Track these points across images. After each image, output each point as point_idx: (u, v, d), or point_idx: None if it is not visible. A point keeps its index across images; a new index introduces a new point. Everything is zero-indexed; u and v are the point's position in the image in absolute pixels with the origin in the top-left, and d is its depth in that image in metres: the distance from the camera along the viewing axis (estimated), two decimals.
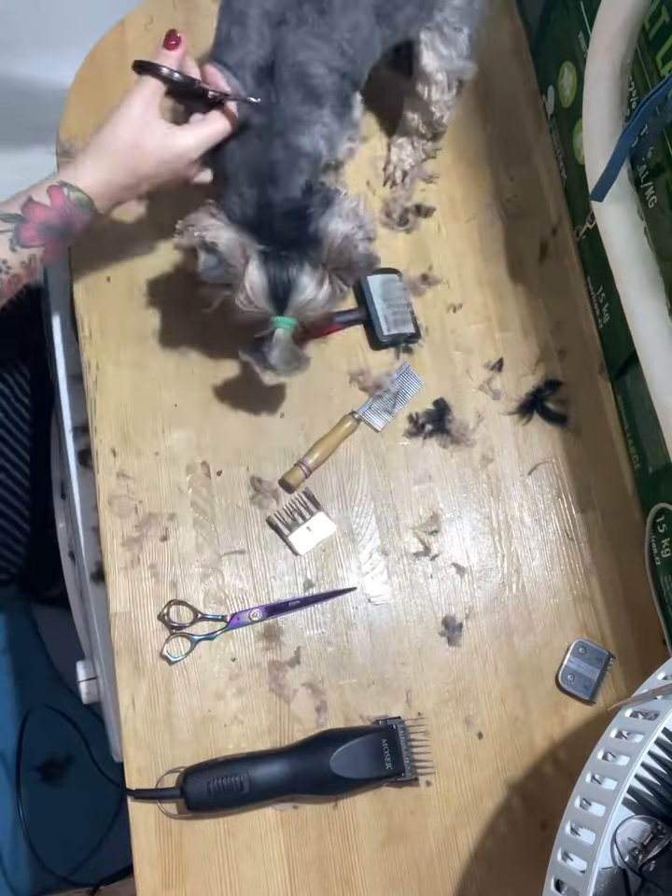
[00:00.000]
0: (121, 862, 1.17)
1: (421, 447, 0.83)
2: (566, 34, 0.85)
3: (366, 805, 0.74)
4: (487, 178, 0.92)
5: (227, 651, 0.76)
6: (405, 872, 0.73)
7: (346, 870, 0.73)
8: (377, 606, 0.79)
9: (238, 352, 0.75)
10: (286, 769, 0.71)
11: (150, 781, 0.73)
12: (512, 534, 0.82)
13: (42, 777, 1.51)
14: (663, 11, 0.66)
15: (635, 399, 0.82)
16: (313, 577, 0.79)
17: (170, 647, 0.76)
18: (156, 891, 0.71)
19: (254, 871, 0.72)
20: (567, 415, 0.85)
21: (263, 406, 0.83)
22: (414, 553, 0.80)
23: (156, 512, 0.79)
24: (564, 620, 0.80)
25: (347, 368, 0.85)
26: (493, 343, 0.87)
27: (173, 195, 0.88)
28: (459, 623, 0.79)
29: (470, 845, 0.74)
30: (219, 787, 0.69)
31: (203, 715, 0.75)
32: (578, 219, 0.90)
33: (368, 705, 0.76)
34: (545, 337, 0.88)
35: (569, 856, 0.60)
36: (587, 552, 0.82)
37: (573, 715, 0.78)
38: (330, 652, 0.77)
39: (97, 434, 0.81)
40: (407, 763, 0.73)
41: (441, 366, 0.86)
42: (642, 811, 0.67)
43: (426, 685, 0.77)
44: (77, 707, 0.95)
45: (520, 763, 0.76)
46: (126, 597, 0.77)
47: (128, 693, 0.75)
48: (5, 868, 1.47)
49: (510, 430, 0.85)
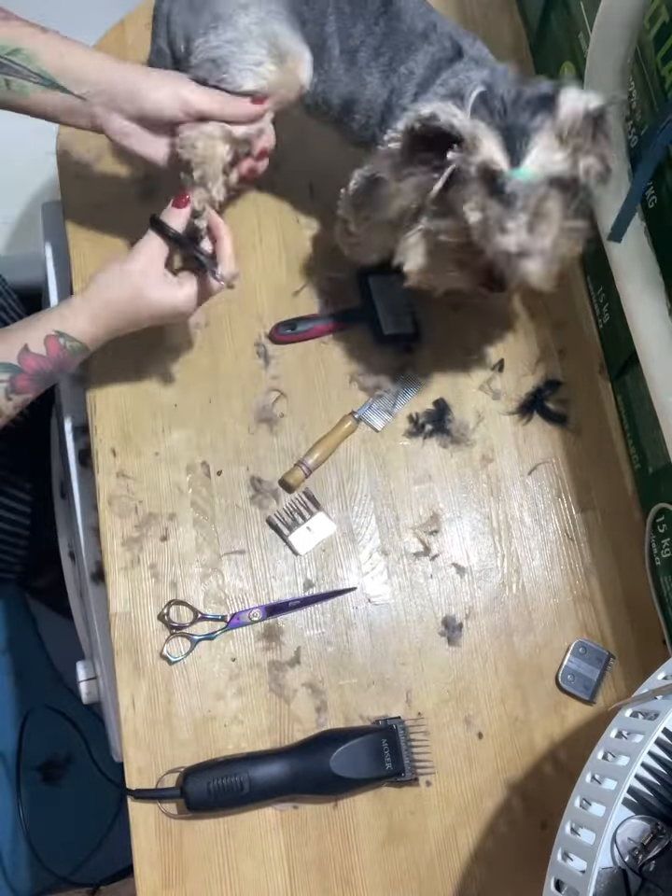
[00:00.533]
0: (121, 862, 1.17)
1: (421, 447, 0.83)
2: (566, 34, 0.85)
3: (366, 804, 0.74)
4: None
5: (227, 651, 0.76)
6: (405, 872, 0.73)
7: (346, 870, 0.73)
8: (377, 606, 0.79)
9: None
10: (286, 769, 0.71)
11: (150, 781, 0.73)
12: (512, 534, 0.82)
13: (42, 777, 1.51)
14: (663, 11, 0.66)
15: (635, 399, 0.82)
16: (313, 577, 0.79)
17: (170, 647, 0.76)
18: (156, 891, 0.71)
19: (254, 871, 0.72)
20: (567, 415, 0.85)
21: (263, 406, 0.83)
22: (414, 553, 0.80)
23: (156, 512, 0.79)
24: (564, 620, 0.80)
25: (347, 368, 0.85)
26: (493, 343, 0.87)
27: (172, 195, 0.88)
28: (459, 623, 0.79)
29: (470, 845, 0.74)
30: (219, 787, 0.69)
31: (203, 715, 0.75)
32: None
33: (368, 705, 0.76)
34: (545, 337, 0.88)
35: (569, 856, 0.60)
36: (587, 552, 0.82)
37: (573, 715, 0.78)
38: (330, 652, 0.77)
39: (97, 434, 0.81)
40: (407, 763, 0.73)
41: (441, 366, 0.86)
42: (642, 811, 0.67)
43: (426, 685, 0.77)
44: (77, 707, 0.95)
45: (520, 763, 0.76)
46: (126, 597, 0.77)
47: (128, 693, 0.75)
48: (5, 868, 1.47)
49: (510, 430, 0.85)
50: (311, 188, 0.89)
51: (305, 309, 0.86)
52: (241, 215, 0.88)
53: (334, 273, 0.86)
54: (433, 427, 0.83)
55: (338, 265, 0.86)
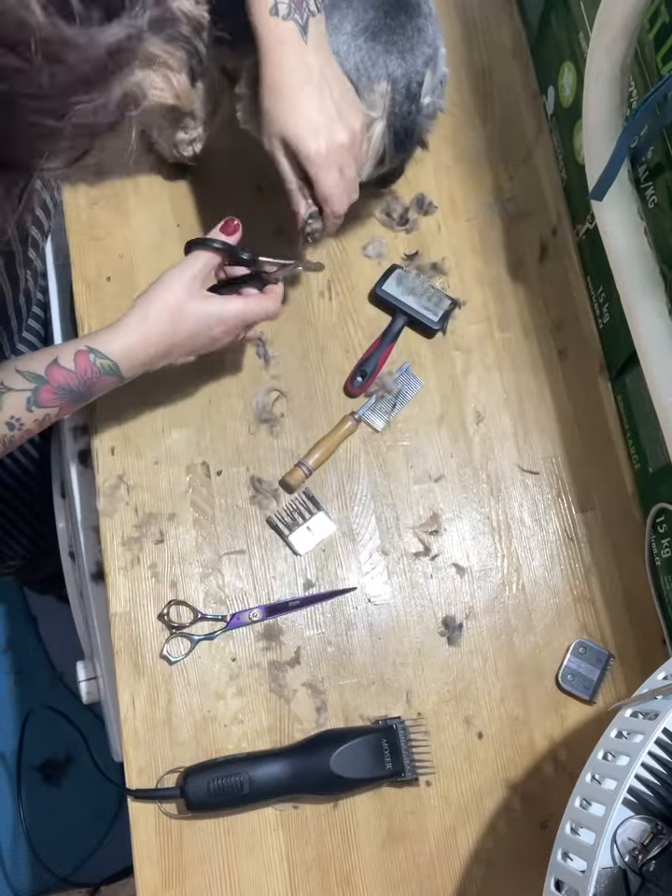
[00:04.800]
0: (121, 862, 1.18)
1: (421, 447, 0.83)
2: (566, 34, 0.85)
3: (366, 804, 0.74)
4: (487, 178, 0.92)
5: (227, 651, 0.76)
6: (405, 872, 0.73)
7: (346, 870, 0.73)
8: (377, 606, 0.79)
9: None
10: (286, 769, 0.71)
11: (150, 781, 0.73)
12: (512, 534, 0.82)
13: (42, 777, 1.51)
14: (663, 11, 0.66)
15: (635, 399, 0.82)
16: (313, 577, 0.79)
17: (170, 647, 0.76)
18: (156, 891, 0.71)
19: (254, 871, 0.72)
20: (567, 415, 0.85)
21: (263, 406, 0.83)
22: (414, 553, 0.80)
23: (156, 512, 0.79)
24: (564, 620, 0.80)
25: (347, 367, 0.85)
26: (493, 342, 0.87)
27: (173, 196, 0.88)
28: (459, 623, 0.79)
29: (470, 845, 0.74)
30: (219, 787, 0.69)
31: (203, 715, 0.75)
32: (578, 219, 0.90)
33: (368, 705, 0.76)
34: (545, 337, 0.88)
35: (569, 856, 0.60)
36: (587, 552, 0.82)
37: (573, 715, 0.78)
38: (330, 652, 0.77)
39: (97, 434, 0.81)
40: (407, 763, 0.73)
41: (441, 366, 0.86)
42: (642, 811, 0.67)
43: (426, 685, 0.77)
44: (77, 707, 0.95)
45: (520, 763, 0.76)
46: (126, 597, 0.77)
47: (128, 693, 0.75)
48: (5, 868, 1.47)
49: (510, 430, 0.85)
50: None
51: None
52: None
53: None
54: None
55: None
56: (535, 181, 0.93)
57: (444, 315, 0.85)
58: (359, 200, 0.73)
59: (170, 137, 0.82)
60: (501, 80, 0.96)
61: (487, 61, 0.96)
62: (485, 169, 0.93)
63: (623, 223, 0.73)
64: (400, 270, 0.86)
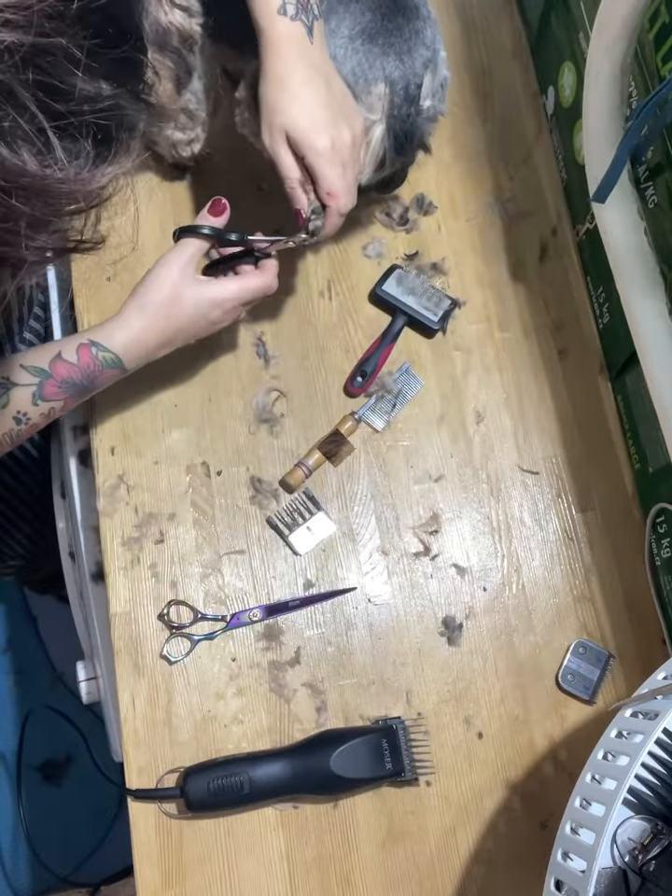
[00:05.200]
0: (121, 862, 1.17)
1: (421, 447, 0.83)
2: (566, 34, 0.85)
3: (366, 804, 0.74)
4: (487, 178, 0.92)
5: (227, 651, 0.76)
6: (405, 872, 0.73)
7: (346, 870, 0.73)
8: (377, 606, 0.79)
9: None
10: (286, 769, 0.71)
11: (150, 781, 0.73)
12: (512, 534, 0.82)
13: (42, 777, 1.51)
14: (662, 11, 0.66)
15: (635, 399, 0.82)
16: (313, 577, 0.79)
17: (170, 647, 0.76)
18: (156, 891, 0.71)
19: (254, 871, 0.72)
20: (567, 415, 0.85)
21: (263, 406, 0.83)
22: (414, 553, 0.80)
23: (156, 512, 0.79)
24: (564, 620, 0.80)
25: (347, 367, 0.85)
26: (493, 342, 0.87)
27: (173, 196, 0.88)
28: (459, 623, 0.79)
29: (470, 845, 0.74)
30: (219, 787, 0.69)
31: (203, 715, 0.75)
32: (578, 219, 0.90)
33: (368, 705, 0.76)
34: (545, 337, 0.88)
35: (569, 856, 0.60)
36: (587, 552, 0.82)
37: (573, 715, 0.78)
38: (330, 652, 0.77)
39: (97, 434, 0.81)
40: (407, 763, 0.73)
41: (441, 366, 0.86)
42: (642, 811, 0.67)
43: (426, 685, 0.77)
44: (76, 707, 0.95)
45: (520, 763, 0.76)
46: (126, 597, 0.77)
47: (128, 693, 0.75)
48: (5, 868, 1.47)
49: (510, 430, 0.85)
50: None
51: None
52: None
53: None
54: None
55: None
56: (535, 181, 0.93)
57: (444, 315, 0.85)
58: (360, 201, 0.73)
59: (168, 138, 0.82)
60: (501, 80, 0.96)
61: (487, 61, 0.96)
62: (485, 169, 0.93)
63: (623, 223, 0.73)
64: (400, 270, 0.86)
